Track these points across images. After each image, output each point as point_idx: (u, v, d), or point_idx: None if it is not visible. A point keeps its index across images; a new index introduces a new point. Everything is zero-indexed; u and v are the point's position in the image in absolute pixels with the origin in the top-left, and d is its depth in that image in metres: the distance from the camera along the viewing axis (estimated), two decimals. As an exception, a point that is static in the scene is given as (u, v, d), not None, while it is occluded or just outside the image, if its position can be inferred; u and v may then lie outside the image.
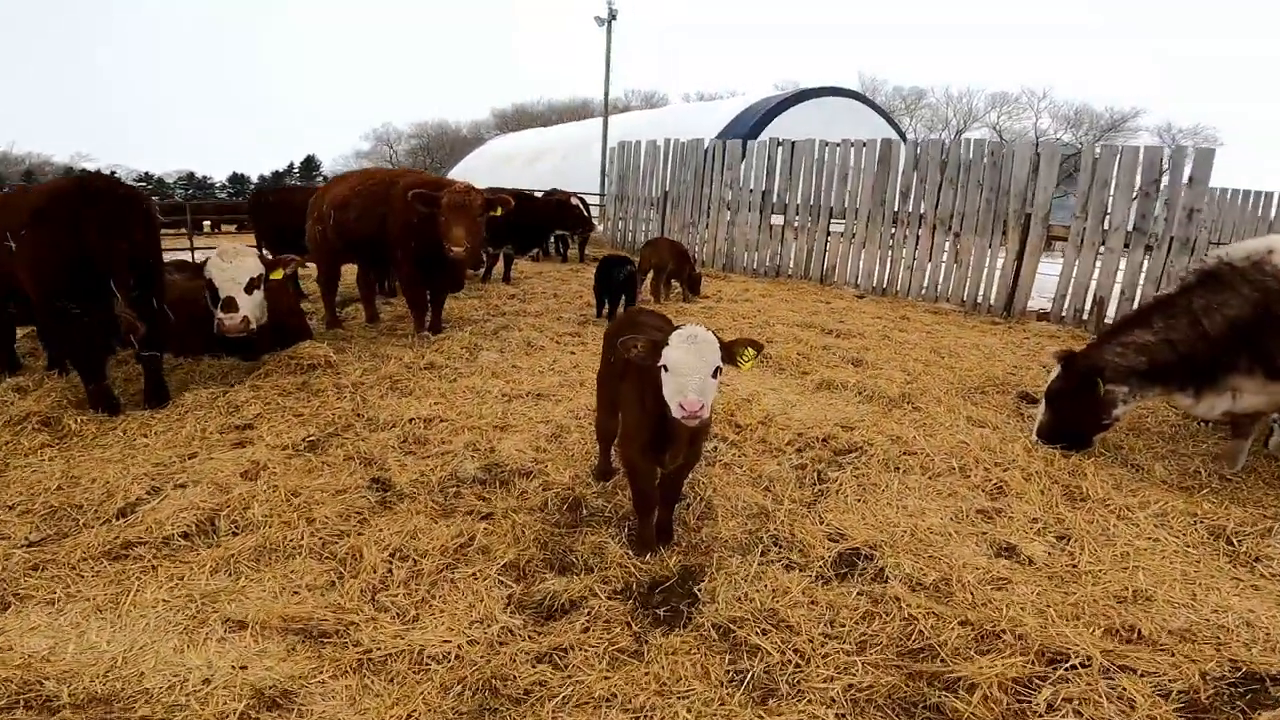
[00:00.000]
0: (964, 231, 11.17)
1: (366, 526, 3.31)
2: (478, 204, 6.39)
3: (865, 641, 2.58)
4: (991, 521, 3.56)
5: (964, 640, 2.56)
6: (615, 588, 2.95)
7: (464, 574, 2.94)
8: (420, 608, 2.76)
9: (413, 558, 3.03)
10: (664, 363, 2.83)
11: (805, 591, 2.82)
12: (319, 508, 3.41)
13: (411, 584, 2.89)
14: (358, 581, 2.87)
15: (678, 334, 2.84)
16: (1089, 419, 4.44)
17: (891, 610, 2.72)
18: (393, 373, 5.63)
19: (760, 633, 2.59)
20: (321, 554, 3.09)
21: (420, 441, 4.39)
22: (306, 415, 4.68)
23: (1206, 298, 4.22)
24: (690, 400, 2.69)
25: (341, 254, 7.62)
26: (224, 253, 5.53)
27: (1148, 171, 9.60)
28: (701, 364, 2.76)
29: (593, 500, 3.70)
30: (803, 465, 4.19)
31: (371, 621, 2.67)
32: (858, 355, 7.04)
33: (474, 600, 2.77)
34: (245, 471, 3.77)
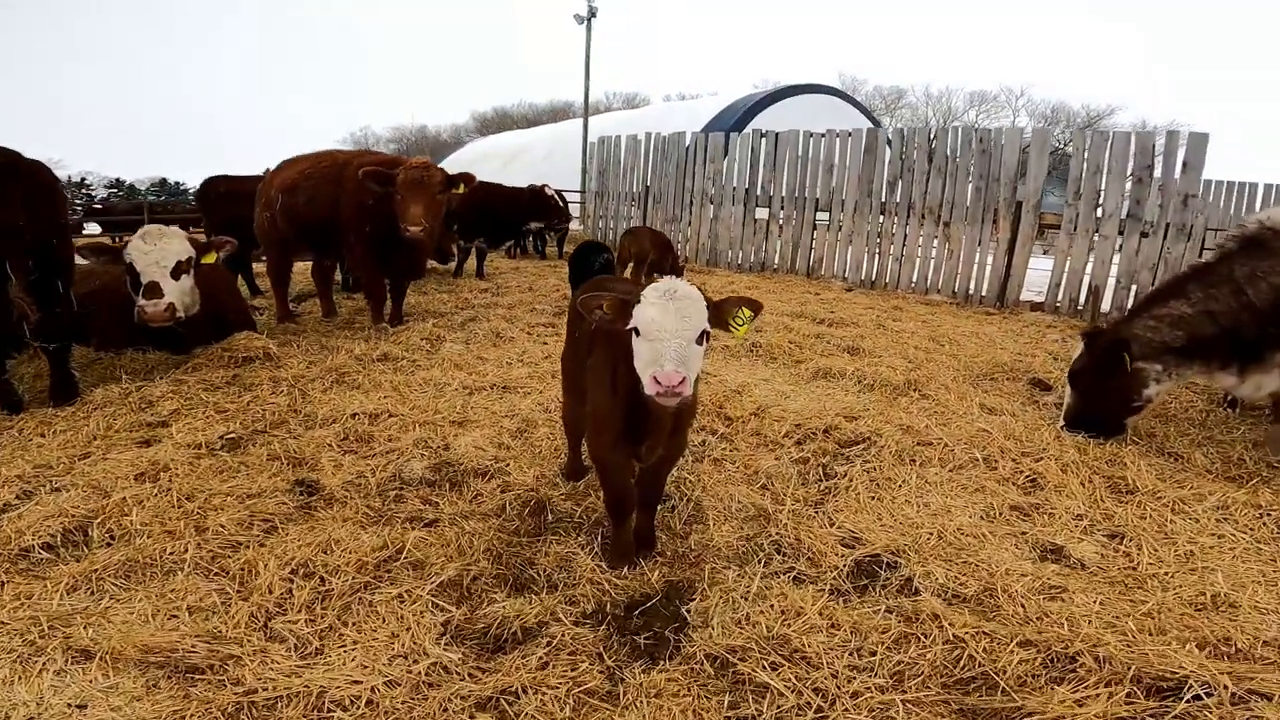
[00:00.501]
0: (954, 221, 10.77)
1: (272, 537, 2.71)
2: (436, 180, 5.80)
3: (901, 673, 2.03)
4: (1029, 519, 3.04)
5: (1029, 666, 2.03)
6: (584, 610, 2.38)
7: (386, 595, 2.34)
8: (325, 638, 2.17)
9: (320, 575, 2.43)
10: (635, 324, 2.30)
11: (823, 612, 2.25)
12: (216, 514, 2.79)
13: (316, 608, 2.30)
14: (248, 604, 2.27)
15: (653, 288, 2.30)
16: (1118, 400, 3.95)
17: (930, 631, 2.18)
18: (340, 365, 5.01)
19: (769, 666, 2.03)
20: (210, 570, 2.48)
21: (363, 439, 3.79)
22: (232, 411, 4.05)
23: (1250, 264, 3.77)
24: (667, 372, 2.15)
25: (293, 243, 6.97)
26: (147, 234, 4.89)
27: (1140, 157, 9.27)
28: (682, 325, 2.24)
29: (560, 503, 3.12)
30: (804, 459, 3.65)
31: (260, 654, 2.08)
32: (853, 343, 6.54)
33: (398, 628, 2.18)
34: (141, 473, 3.14)
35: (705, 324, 2.31)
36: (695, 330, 2.27)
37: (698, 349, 2.30)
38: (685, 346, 2.23)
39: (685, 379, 2.18)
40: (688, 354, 2.23)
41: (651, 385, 2.20)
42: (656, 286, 2.32)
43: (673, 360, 2.18)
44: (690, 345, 2.26)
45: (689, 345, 2.25)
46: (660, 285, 2.32)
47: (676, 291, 2.29)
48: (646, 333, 2.27)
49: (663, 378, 2.16)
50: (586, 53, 18.89)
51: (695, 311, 2.28)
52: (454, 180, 5.96)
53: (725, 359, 5.96)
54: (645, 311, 2.28)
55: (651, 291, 2.31)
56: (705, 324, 2.31)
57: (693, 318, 2.27)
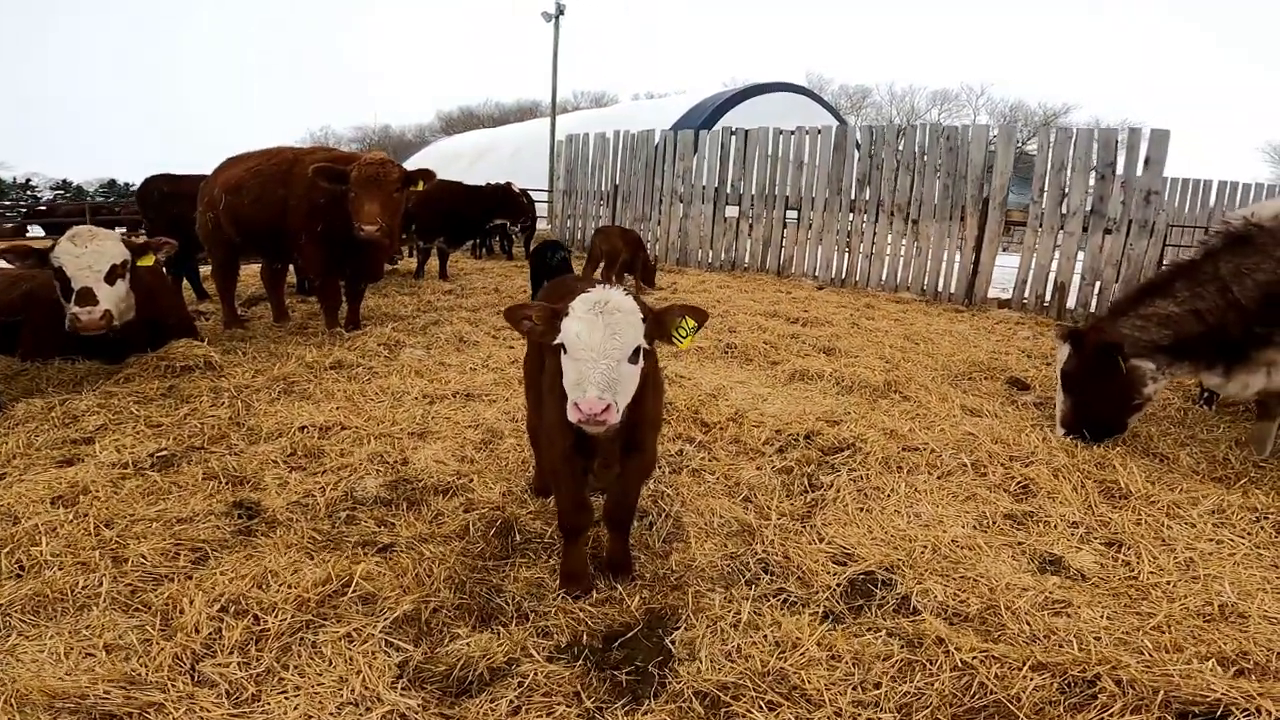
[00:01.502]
0: (922, 218, 10.78)
1: (201, 568, 2.41)
2: (393, 176, 5.46)
3: (909, 705, 1.85)
4: (1024, 528, 2.91)
5: (1046, 692, 1.86)
6: (558, 643, 2.14)
7: (332, 634, 2.07)
8: (262, 683, 1.90)
9: (255, 612, 2.15)
10: (561, 340, 2.08)
11: (821, 643, 2.05)
12: (138, 543, 2.48)
13: (251, 649, 2.03)
14: (172, 644, 1.99)
15: (582, 299, 2.07)
16: (1117, 400, 3.85)
17: (936, 657, 2.00)
18: (289, 373, 4.67)
19: (766, 706, 1.83)
20: (130, 605, 2.19)
21: (312, 454, 3.49)
22: (166, 425, 3.70)
23: (1235, 261, 3.70)
24: (589, 399, 1.94)
25: (239, 246, 6.55)
26: (77, 235, 4.48)
27: (1103, 154, 9.36)
28: (609, 344, 2.01)
29: (529, 522, 2.88)
30: (788, 469, 3.46)
31: (186, 701, 1.81)
32: (828, 344, 6.42)
33: (347, 671, 1.92)
34: (58, 497, 2.80)
35: (640, 340, 2.08)
36: (627, 349, 2.04)
37: (630, 369, 2.08)
38: (613, 368, 2.01)
39: (611, 406, 1.96)
40: (617, 376, 2.01)
41: (573, 412, 1.98)
42: (586, 297, 2.08)
43: (597, 385, 1.96)
44: (621, 365, 2.03)
45: (618, 366, 2.02)
46: (590, 296, 2.08)
47: (607, 304, 2.06)
48: (572, 350, 2.05)
49: (584, 405, 1.95)
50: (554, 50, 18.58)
51: (627, 327, 2.05)
52: (412, 177, 5.64)
53: (700, 361, 5.77)
54: (570, 326, 2.05)
55: (579, 303, 2.07)
56: (640, 340, 2.08)
57: (624, 334, 2.04)
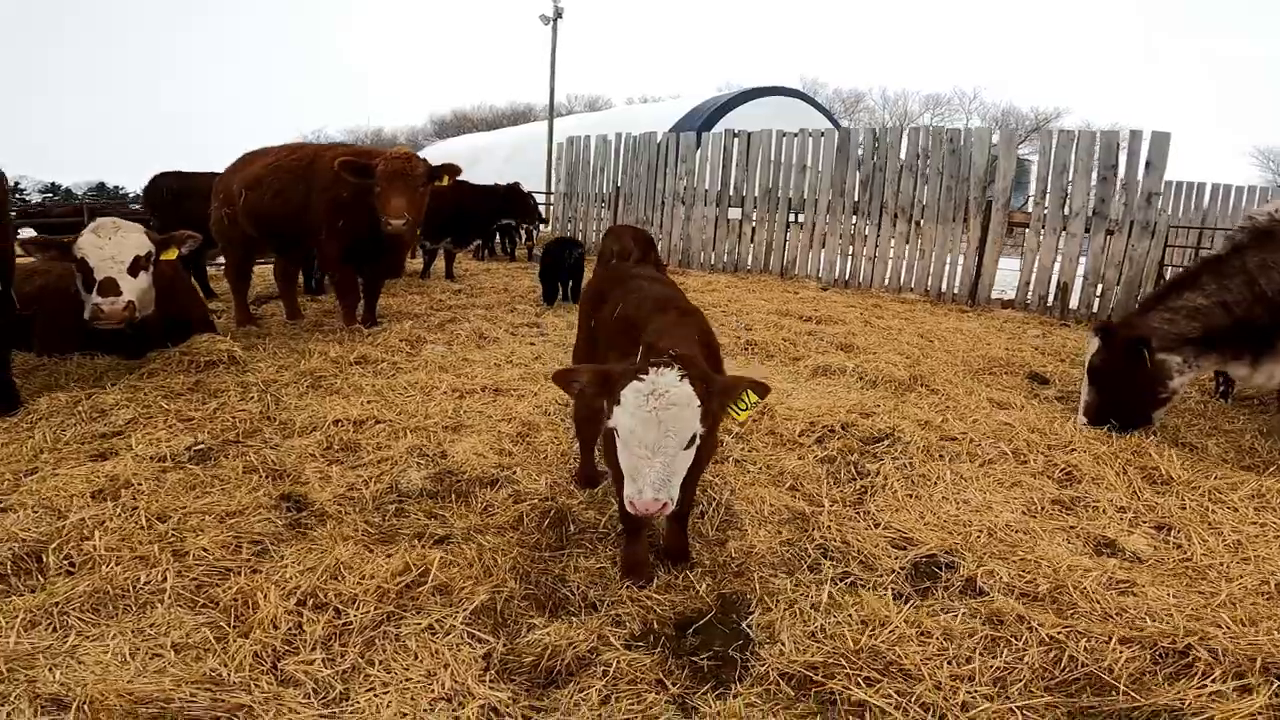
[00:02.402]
0: (925, 220, 10.85)
1: (266, 561, 2.36)
2: (419, 171, 5.44)
3: (1003, 679, 1.85)
4: (1074, 513, 2.92)
5: (1139, 664, 1.87)
6: (632, 631, 2.12)
7: (415, 626, 2.04)
8: (349, 680, 1.85)
9: (335, 605, 2.11)
10: (613, 426, 2.00)
11: (909, 620, 2.05)
12: (196, 536, 2.43)
13: (335, 644, 1.98)
14: (249, 641, 1.94)
15: (634, 390, 1.95)
16: (1144, 394, 3.89)
17: (1020, 633, 2.00)
18: (315, 368, 4.62)
19: (863, 682, 1.82)
20: (196, 601, 2.13)
21: (349, 448, 3.45)
22: (198, 420, 3.65)
23: (1262, 255, 3.78)
24: (644, 501, 1.90)
25: (256, 242, 6.50)
26: (101, 227, 4.43)
27: (1105, 156, 9.46)
28: (665, 440, 1.93)
29: (581, 513, 2.86)
30: (830, 458, 3.46)
31: (274, 702, 1.75)
32: (845, 341, 6.44)
33: (434, 665, 1.88)
34: (99, 490, 2.75)
35: (696, 428, 2.00)
36: (683, 441, 1.97)
37: (686, 454, 2.02)
38: (669, 464, 1.94)
39: (666, 505, 1.93)
40: (673, 469, 1.96)
41: (629, 507, 1.96)
42: (639, 388, 1.95)
43: (652, 487, 1.91)
44: (677, 458, 1.97)
45: (675, 459, 1.96)
46: (645, 385, 1.95)
47: (664, 396, 1.93)
48: (625, 441, 1.98)
49: (639, 505, 1.92)
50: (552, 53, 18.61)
51: (684, 420, 1.95)
52: (437, 172, 5.63)
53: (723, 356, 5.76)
54: (623, 420, 1.97)
55: (631, 395, 1.95)
56: (696, 428, 2.00)
57: (680, 430, 1.95)
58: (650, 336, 2.24)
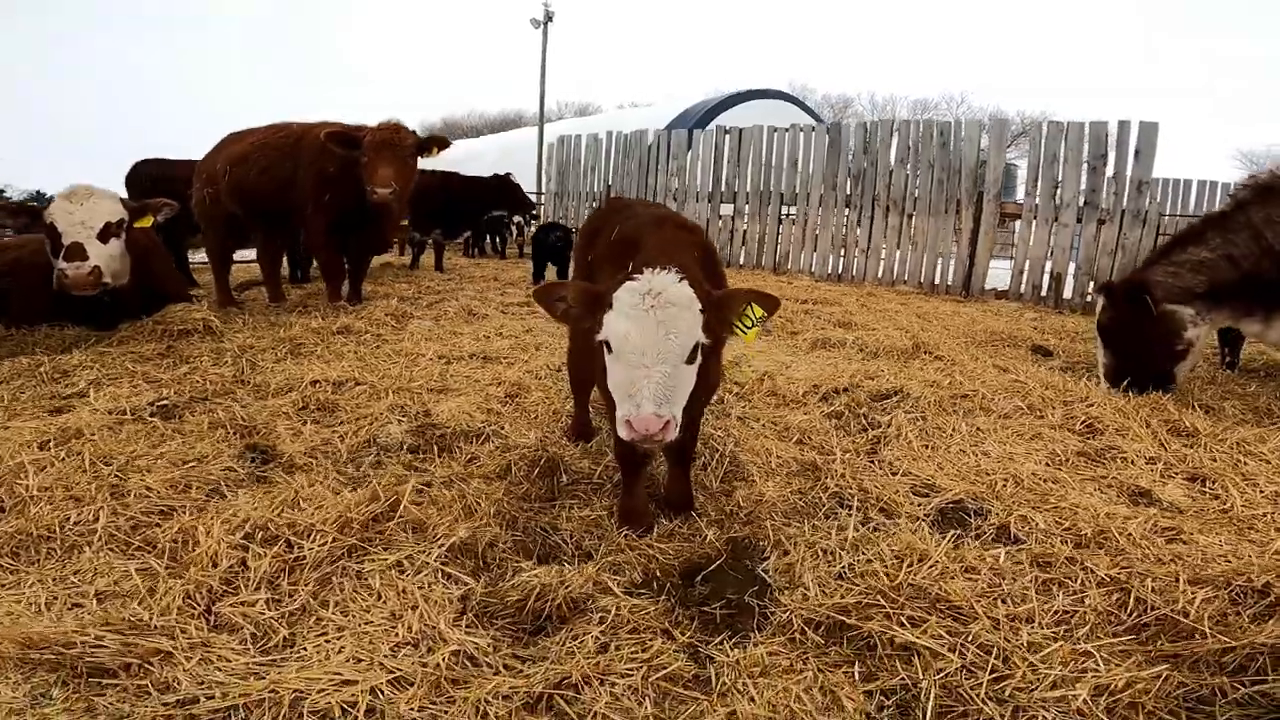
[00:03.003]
0: (917, 213, 10.77)
1: (216, 501, 2.13)
2: (408, 142, 5.28)
3: (1065, 621, 1.64)
4: (1102, 464, 2.74)
5: (1216, 606, 1.67)
6: (633, 579, 1.90)
7: (381, 562, 1.80)
8: (297, 624, 1.62)
9: (287, 538, 1.86)
10: (604, 337, 1.76)
11: (951, 555, 1.84)
12: (141, 477, 2.20)
13: (283, 583, 1.73)
14: (183, 582, 1.70)
15: (629, 288, 1.74)
16: (1160, 348, 3.74)
17: (1075, 574, 1.80)
18: (294, 336, 4.38)
19: (907, 622, 1.60)
20: (130, 543, 1.89)
21: (326, 408, 3.22)
22: (165, 381, 3.41)
23: (1267, 210, 3.67)
24: (643, 416, 1.64)
25: (240, 221, 6.27)
26: (73, 193, 4.27)
27: (1094, 145, 9.41)
28: (665, 344, 1.70)
29: (575, 462, 2.65)
30: (838, 413, 3.27)
31: (201, 649, 1.52)
32: (843, 319, 6.29)
33: (401, 606, 1.64)
34: (47, 441, 2.50)
35: (698, 336, 1.75)
36: (684, 349, 1.72)
37: (688, 371, 1.75)
38: (669, 375, 1.68)
39: (669, 423, 1.65)
40: (675, 383, 1.69)
41: (624, 429, 1.68)
42: (633, 287, 1.73)
43: (652, 399, 1.65)
44: (678, 370, 1.70)
45: (675, 371, 1.70)
46: (639, 284, 1.73)
47: (659, 295, 1.71)
48: (619, 352, 1.73)
49: (638, 424, 1.64)
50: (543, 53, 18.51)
51: (684, 322, 1.72)
52: (426, 143, 5.46)
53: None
54: (617, 324, 1.72)
55: (626, 294, 1.73)
56: (698, 336, 1.75)
57: (681, 332, 1.71)
58: (646, 251, 2.01)
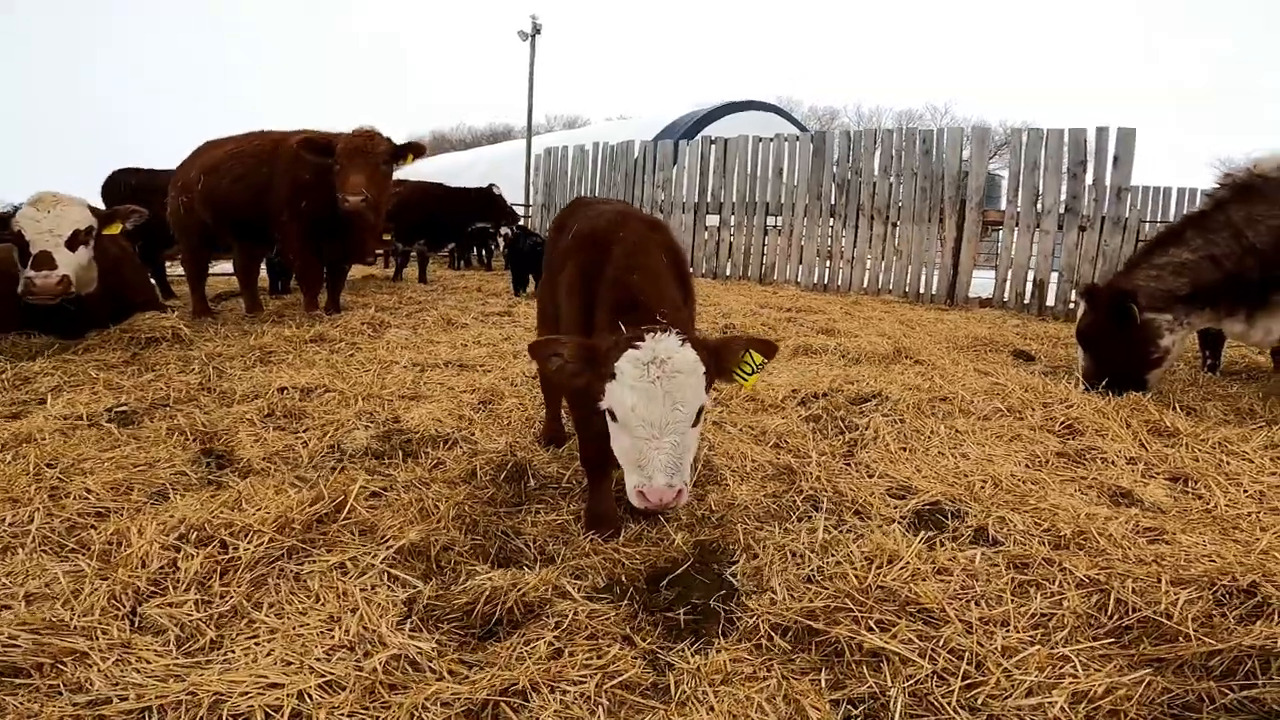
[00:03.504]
0: (901, 221, 10.81)
1: (157, 505, 2.05)
2: (381, 149, 5.21)
3: (1043, 625, 1.58)
4: (1082, 465, 2.69)
5: (1200, 607, 1.61)
6: (595, 584, 1.83)
7: (322, 563, 1.72)
8: (225, 626, 1.54)
9: (222, 539, 1.79)
10: (609, 407, 1.73)
11: (923, 556, 1.78)
12: (83, 478, 2.11)
13: (213, 583, 1.66)
14: (109, 584, 1.62)
15: (632, 358, 1.67)
16: (1135, 354, 3.74)
17: (1053, 575, 1.74)
18: (266, 344, 4.30)
19: (876, 626, 1.54)
20: (64, 545, 1.81)
21: (293, 415, 3.13)
22: (128, 388, 3.31)
23: (1247, 209, 3.67)
24: (656, 489, 1.63)
25: (214, 231, 6.17)
26: (40, 200, 4.19)
27: (1073, 152, 9.48)
28: (673, 414, 1.65)
29: (544, 468, 2.57)
30: (816, 416, 3.22)
31: (118, 650, 1.44)
32: (826, 326, 6.26)
33: (339, 609, 1.57)
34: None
35: (704, 398, 1.74)
36: (692, 414, 1.69)
37: (694, 433, 1.74)
38: (679, 442, 1.66)
39: (681, 491, 1.65)
40: (683, 450, 1.67)
41: (637, 499, 1.67)
42: (637, 357, 1.66)
43: (664, 470, 1.63)
44: (686, 436, 1.69)
45: (683, 439, 1.67)
46: (643, 353, 1.66)
47: (664, 364, 1.65)
48: (625, 425, 1.69)
49: (652, 495, 1.63)
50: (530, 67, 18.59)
51: (691, 390, 1.68)
52: (401, 151, 5.38)
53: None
54: (622, 397, 1.67)
55: (630, 365, 1.65)
56: (704, 398, 1.74)
57: (688, 401, 1.67)
58: (615, 263, 1.95)
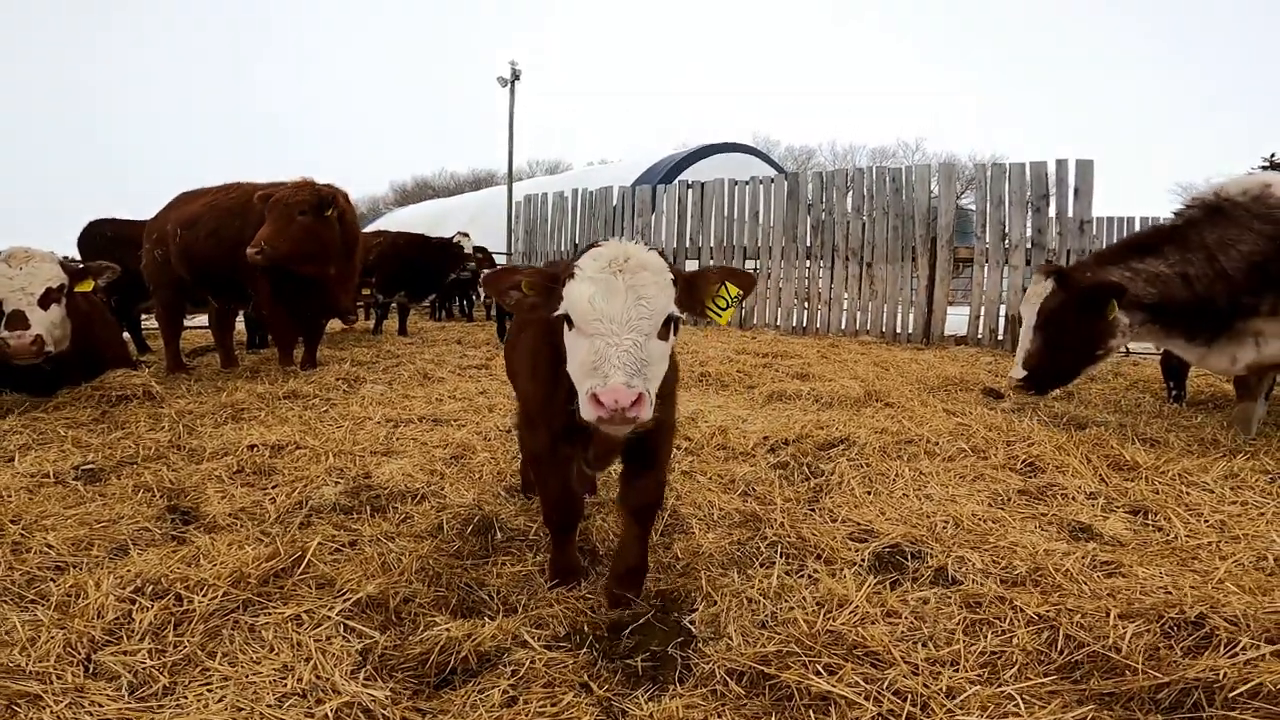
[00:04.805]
0: (875, 261, 11.05)
1: (117, 559, 2.04)
2: (297, 199, 5.12)
3: (992, 664, 1.60)
4: (1043, 501, 2.74)
5: (1149, 639, 1.64)
6: (555, 633, 1.83)
7: (277, 615, 1.73)
8: (179, 673, 1.54)
9: (178, 591, 1.79)
10: (566, 310, 1.60)
11: (872, 599, 1.80)
12: (44, 534, 2.10)
13: (168, 633, 1.66)
14: (65, 633, 1.62)
15: (593, 254, 1.62)
16: (1087, 346, 3.72)
17: (1004, 614, 1.76)
18: (238, 401, 4.29)
19: (824, 670, 1.55)
20: (23, 597, 1.81)
21: (263, 472, 3.12)
22: (96, 445, 3.29)
23: (1218, 233, 3.59)
24: (613, 387, 1.46)
25: (190, 286, 6.19)
26: (11, 256, 4.19)
27: (1036, 185, 9.78)
28: (637, 311, 1.55)
29: (510, 520, 2.58)
30: (783, 464, 3.26)
31: (72, 694, 1.44)
32: (801, 370, 6.34)
33: (294, 658, 1.57)
34: (-46, 510, 2.38)
35: (672, 307, 1.62)
36: (657, 318, 1.57)
37: (660, 347, 1.60)
38: (641, 345, 1.53)
39: (642, 397, 1.47)
40: (646, 355, 1.53)
41: (591, 406, 1.48)
42: (599, 252, 1.61)
43: (623, 369, 1.47)
44: (650, 342, 1.55)
45: (648, 342, 1.55)
46: (604, 250, 1.61)
47: (628, 260, 1.58)
48: (583, 322, 1.55)
49: (606, 397, 1.44)
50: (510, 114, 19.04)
51: (657, 288, 1.58)
52: (325, 202, 5.24)
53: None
54: (580, 290, 1.55)
55: (591, 260, 1.59)
56: (672, 307, 1.62)
57: (653, 299, 1.56)
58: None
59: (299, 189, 5.19)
